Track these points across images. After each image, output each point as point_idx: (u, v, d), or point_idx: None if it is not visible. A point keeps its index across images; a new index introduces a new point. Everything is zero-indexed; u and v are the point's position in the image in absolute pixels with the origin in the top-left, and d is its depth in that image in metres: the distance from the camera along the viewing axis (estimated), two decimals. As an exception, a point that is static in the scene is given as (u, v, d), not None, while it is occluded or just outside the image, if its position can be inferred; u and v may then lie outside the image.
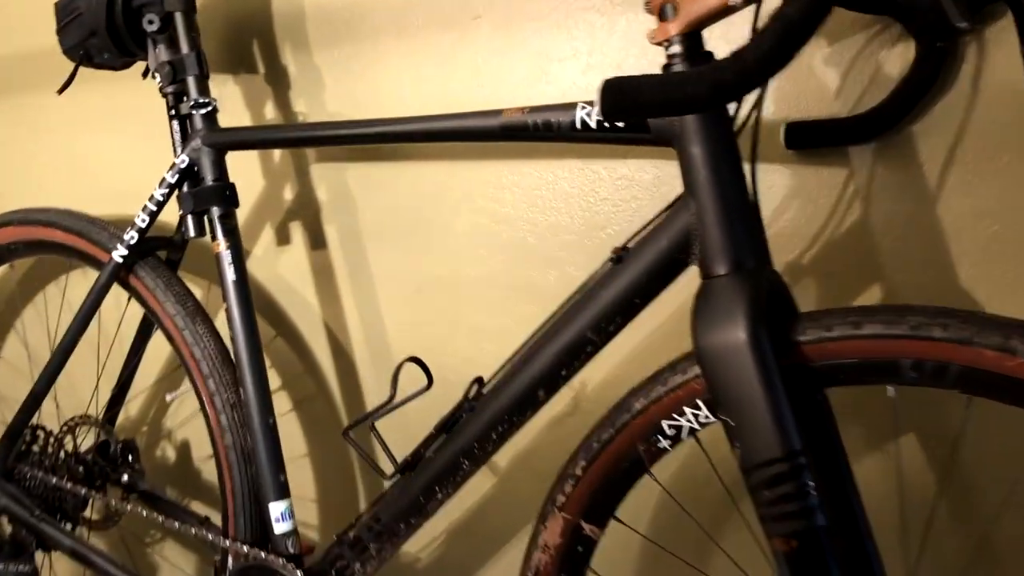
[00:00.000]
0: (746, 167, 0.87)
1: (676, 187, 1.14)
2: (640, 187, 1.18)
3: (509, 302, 1.28)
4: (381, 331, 1.38)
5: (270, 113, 1.38)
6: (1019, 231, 1.00)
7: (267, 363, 1.25)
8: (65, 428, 1.39)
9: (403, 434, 1.22)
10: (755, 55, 0.61)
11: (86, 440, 1.40)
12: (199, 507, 1.56)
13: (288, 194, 1.40)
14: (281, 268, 1.43)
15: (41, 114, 1.59)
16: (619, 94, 0.66)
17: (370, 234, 1.36)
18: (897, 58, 1.03)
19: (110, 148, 1.55)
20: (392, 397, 1.04)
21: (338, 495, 1.48)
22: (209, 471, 1.55)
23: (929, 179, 1.04)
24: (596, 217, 1.21)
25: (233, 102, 1.40)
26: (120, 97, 1.51)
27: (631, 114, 0.67)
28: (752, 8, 0.81)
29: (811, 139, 1.07)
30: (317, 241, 1.40)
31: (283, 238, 1.42)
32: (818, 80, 1.07)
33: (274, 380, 1.48)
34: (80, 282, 1.63)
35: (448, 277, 1.32)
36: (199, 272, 1.51)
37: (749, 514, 1.10)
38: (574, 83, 1.19)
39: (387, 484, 1.09)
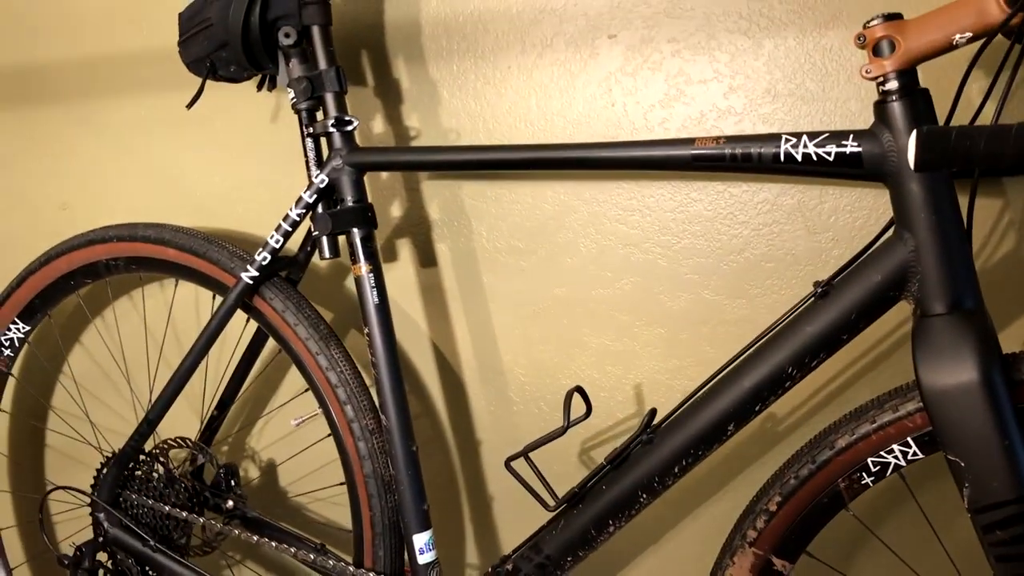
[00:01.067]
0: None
1: (820, 212, 1.15)
2: (782, 211, 1.17)
3: (635, 326, 1.27)
4: (493, 352, 1.35)
5: (379, 127, 1.34)
6: None
7: (368, 381, 1.22)
8: (157, 451, 1.34)
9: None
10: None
11: (186, 464, 1.34)
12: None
13: (396, 210, 1.36)
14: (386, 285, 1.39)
15: (120, 124, 1.52)
16: (942, 144, 0.65)
17: (485, 253, 1.33)
18: (1060, 89, 1.04)
19: (188, 158, 1.48)
20: (565, 428, 1.02)
21: (444, 516, 1.45)
22: (312, 497, 1.51)
23: (1088, 211, 1.06)
24: (733, 241, 1.20)
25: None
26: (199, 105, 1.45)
27: (952, 165, 0.66)
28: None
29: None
30: (427, 259, 1.36)
31: (389, 255, 1.38)
32: (974, 108, 1.07)
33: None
34: (152, 295, 1.57)
35: (570, 299, 1.30)
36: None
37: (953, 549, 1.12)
38: (714, 105, 1.18)
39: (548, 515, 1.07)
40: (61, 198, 1.59)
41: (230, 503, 1.31)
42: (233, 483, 1.33)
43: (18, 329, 1.42)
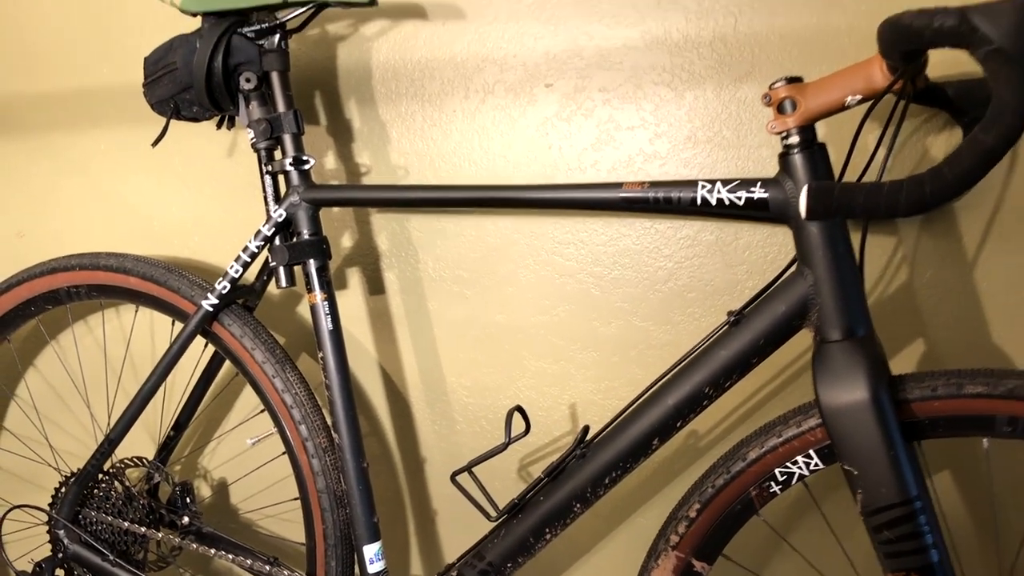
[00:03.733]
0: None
1: (737, 248, 1.27)
2: (702, 246, 1.29)
3: (571, 349, 1.38)
4: (438, 374, 1.45)
5: (331, 164, 1.43)
6: (1051, 298, 1.17)
7: (320, 403, 1.31)
8: (115, 470, 1.40)
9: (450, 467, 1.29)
10: (953, 174, 0.73)
11: (143, 482, 1.41)
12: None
13: (347, 241, 1.45)
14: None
15: (78, 156, 1.58)
16: (827, 198, 0.77)
17: (430, 282, 1.42)
18: (943, 142, 1.18)
19: (147, 190, 1.55)
20: (506, 444, 1.12)
21: (391, 529, 1.53)
22: (264, 514, 1.58)
23: (968, 249, 1.19)
24: (659, 273, 1.32)
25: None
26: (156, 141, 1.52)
27: (837, 215, 0.78)
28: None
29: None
30: (376, 287, 1.45)
31: (340, 283, 1.46)
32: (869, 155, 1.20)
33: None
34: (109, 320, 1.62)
35: (510, 324, 1.40)
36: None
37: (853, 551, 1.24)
38: (641, 150, 1.29)
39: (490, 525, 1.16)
40: (17, 226, 1.64)
41: (185, 519, 1.38)
42: (188, 500, 1.40)
43: (-23, 353, 1.47)
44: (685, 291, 1.31)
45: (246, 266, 1.25)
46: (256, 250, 1.24)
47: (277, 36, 1.22)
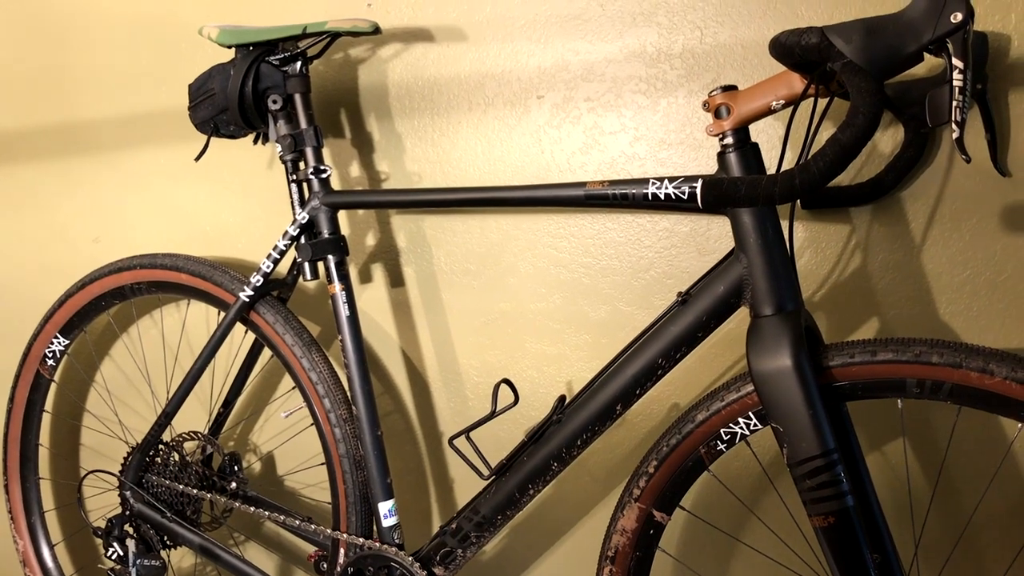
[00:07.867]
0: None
1: (709, 237, 1.42)
2: (679, 237, 1.44)
3: (566, 332, 1.54)
4: (452, 357, 1.62)
5: (355, 172, 1.62)
6: (987, 276, 1.28)
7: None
8: (173, 442, 1.61)
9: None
10: (817, 168, 0.88)
11: (198, 452, 1.62)
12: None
13: (371, 240, 1.64)
14: (363, 303, 1.67)
15: (141, 170, 1.81)
16: (718, 190, 0.92)
17: (443, 274, 1.60)
18: (889, 139, 1.30)
19: (199, 198, 1.77)
20: (493, 412, 1.28)
21: (413, 496, 1.71)
22: (298, 482, 1.78)
23: (915, 234, 1.31)
24: (641, 261, 1.47)
25: (322, 161, 1.64)
26: (208, 156, 1.73)
27: (725, 205, 0.93)
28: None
29: (821, 202, 1.34)
30: (396, 280, 1.64)
31: (365, 277, 1.66)
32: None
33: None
34: (169, 315, 1.85)
35: (512, 311, 1.57)
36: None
37: (786, 499, 1.37)
38: (623, 152, 1.45)
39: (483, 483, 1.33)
40: (94, 232, 1.89)
41: (233, 484, 1.58)
42: (236, 468, 1.60)
43: (59, 343, 1.71)
44: (664, 278, 1.46)
45: (276, 262, 1.44)
46: (284, 248, 1.43)
47: (299, 63, 1.41)
